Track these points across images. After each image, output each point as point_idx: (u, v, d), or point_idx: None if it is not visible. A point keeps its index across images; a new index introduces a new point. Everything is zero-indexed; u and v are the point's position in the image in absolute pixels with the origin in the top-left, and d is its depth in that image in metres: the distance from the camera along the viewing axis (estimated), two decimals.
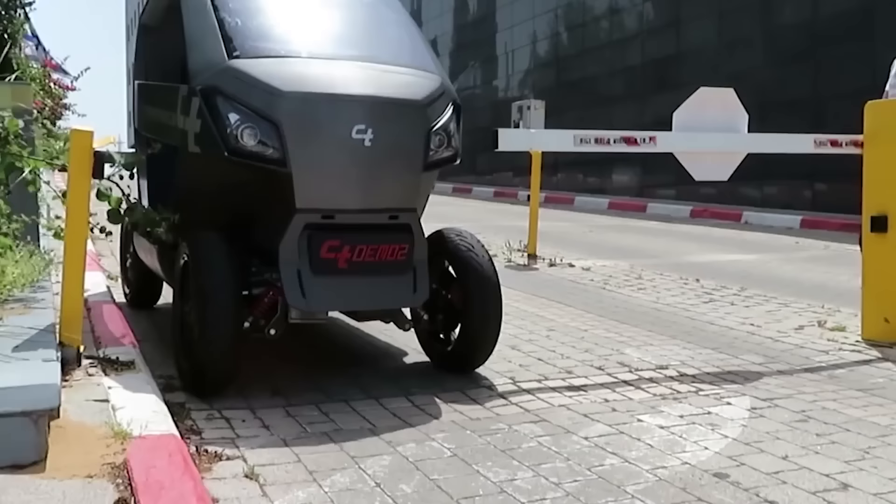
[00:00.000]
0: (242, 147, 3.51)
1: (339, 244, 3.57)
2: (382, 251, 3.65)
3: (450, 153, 3.90)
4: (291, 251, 3.55)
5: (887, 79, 6.17)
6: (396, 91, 3.76)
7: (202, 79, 3.67)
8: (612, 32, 19.80)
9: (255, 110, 3.53)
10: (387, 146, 3.63)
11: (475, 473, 2.82)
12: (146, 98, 4.67)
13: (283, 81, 3.57)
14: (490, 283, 3.94)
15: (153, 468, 2.37)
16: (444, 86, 3.95)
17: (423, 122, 3.77)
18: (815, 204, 13.78)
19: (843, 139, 4.98)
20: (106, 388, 3.17)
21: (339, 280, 3.61)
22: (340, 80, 3.68)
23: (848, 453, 3.06)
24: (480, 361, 4.04)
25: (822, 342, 4.94)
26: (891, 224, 4.76)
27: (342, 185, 3.62)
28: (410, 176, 3.79)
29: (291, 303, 3.57)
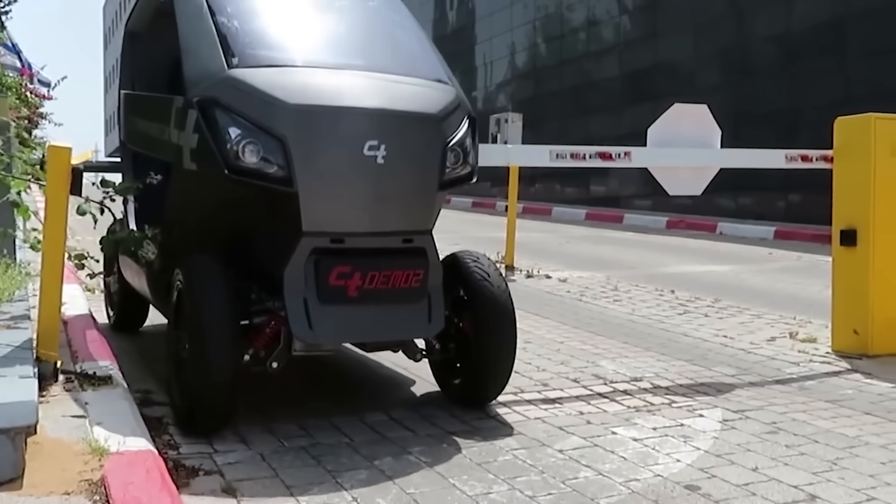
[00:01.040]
0: (244, 164, 3.23)
1: (349, 270, 3.29)
2: (396, 278, 3.37)
3: (466, 171, 3.63)
4: (297, 278, 3.27)
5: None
6: (410, 104, 3.50)
7: (199, 89, 3.39)
8: (589, 44, 19.97)
9: (257, 124, 3.25)
10: (401, 163, 3.37)
11: (451, 487, 2.85)
12: (134, 109, 4.39)
13: (287, 93, 3.30)
14: (505, 313, 3.66)
15: (131, 484, 2.38)
16: (459, 98, 3.69)
17: (439, 137, 3.50)
18: (788, 215, 13.96)
19: (814, 154, 5.07)
20: (83, 403, 3.16)
21: (348, 310, 3.33)
22: (350, 92, 3.41)
23: (816, 464, 3.12)
24: (493, 396, 3.78)
25: (793, 354, 5.02)
26: (860, 238, 4.86)
27: (353, 206, 3.35)
28: (425, 196, 3.52)
29: (297, 335, 3.28)
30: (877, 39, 12.64)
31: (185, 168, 3.50)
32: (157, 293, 4.00)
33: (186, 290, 3.29)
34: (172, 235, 3.77)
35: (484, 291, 3.66)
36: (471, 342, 3.68)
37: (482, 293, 3.66)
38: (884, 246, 4.83)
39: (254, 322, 3.45)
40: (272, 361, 3.40)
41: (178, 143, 3.51)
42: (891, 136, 4.84)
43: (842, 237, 4.94)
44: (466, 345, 3.71)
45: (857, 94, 12.55)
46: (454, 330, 3.73)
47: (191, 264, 3.35)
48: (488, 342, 3.63)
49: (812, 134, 12.65)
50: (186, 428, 3.29)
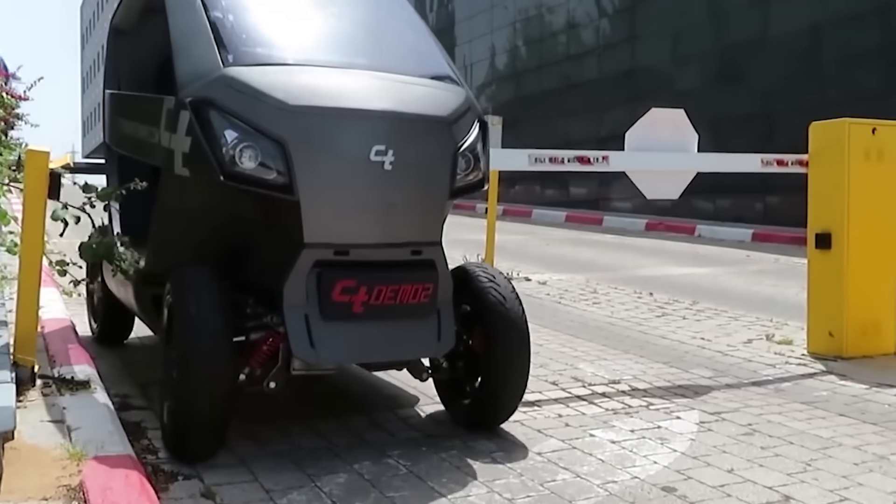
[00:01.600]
0: (240, 170, 3.02)
1: (354, 285, 3.06)
2: (404, 292, 3.15)
3: (477, 177, 3.42)
4: (298, 293, 3.04)
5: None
6: (419, 106, 3.29)
7: (192, 89, 3.16)
8: (569, 47, 20.04)
9: (255, 127, 3.03)
10: (409, 170, 3.16)
11: (430, 490, 2.87)
12: (121, 110, 4.13)
13: (288, 93, 3.08)
14: (518, 330, 3.43)
15: (109, 490, 2.38)
16: (470, 100, 3.48)
17: (449, 141, 3.29)
18: (766, 217, 14.08)
19: (789, 158, 5.13)
20: (61, 408, 3.16)
21: (353, 327, 3.10)
22: (355, 93, 3.21)
23: (791, 466, 3.16)
24: (503, 418, 3.54)
25: (769, 356, 5.07)
26: (834, 241, 4.92)
27: (358, 216, 3.13)
28: (435, 204, 3.30)
29: (298, 354, 3.05)
30: (852, 45, 12.79)
31: (176, 173, 3.27)
32: (144, 307, 3.76)
33: (177, 304, 3.06)
34: (161, 245, 3.55)
35: (496, 306, 3.43)
36: (482, 361, 3.45)
37: (494, 308, 3.43)
38: (858, 249, 4.90)
39: (250, 338, 3.21)
40: (269, 381, 3.15)
41: (169, 146, 3.28)
42: (865, 141, 4.92)
43: (817, 240, 5.00)
44: (475, 363, 3.49)
45: (833, 99, 12.69)
46: (463, 347, 3.48)
47: (182, 276, 3.12)
48: (502, 363, 3.40)
49: (789, 137, 12.76)
50: (176, 454, 3.05)
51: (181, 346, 2.97)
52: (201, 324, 2.94)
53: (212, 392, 2.91)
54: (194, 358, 2.91)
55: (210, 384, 2.91)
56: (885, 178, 4.98)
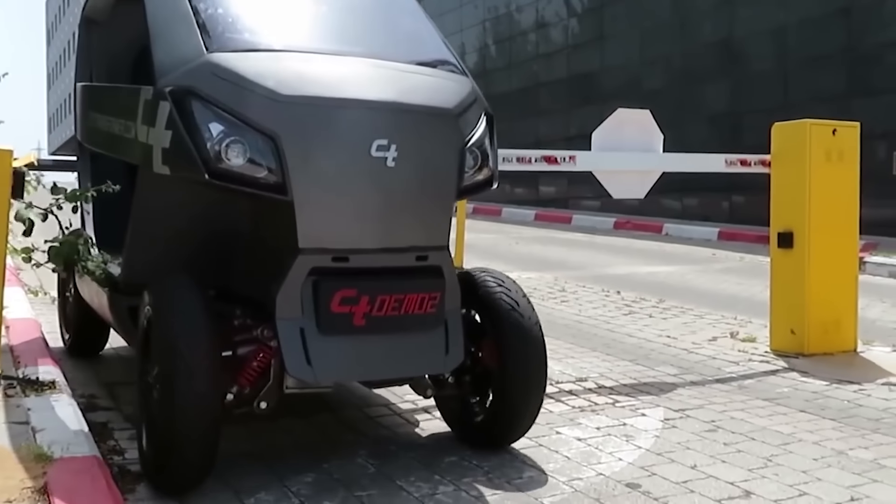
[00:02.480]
0: (228, 168, 2.74)
1: (354, 294, 2.81)
2: (409, 302, 2.89)
3: (485, 175, 3.18)
4: (292, 304, 2.79)
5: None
6: (423, 97, 3.04)
7: (173, 77, 2.87)
8: (538, 46, 20.14)
9: (243, 119, 2.76)
10: (414, 167, 2.91)
11: (398, 488, 2.89)
12: (94, 104, 3.82)
13: (279, 82, 2.81)
14: (534, 340, 3.18)
15: (75, 492, 2.37)
16: (476, 91, 3.25)
17: (456, 136, 3.06)
18: (732, 216, 14.26)
19: (752, 159, 5.21)
20: (26, 409, 3.13)
21: (354, 341, 2.85)
22: (354, 82, 2.96)
23: (752, 461, 3.22)
24: (517, 436, 3.29)
25: (733, 353, 5.15)
26: (796, 240, 5.01)
27: (359, 218, 2.87)
28: (442, 205, 3.06)
29: (293, 372, 2.78)
30: (815, 46, 12.99)
31: (154, 171, 2.97)
32: (120, 319, 3.43)
33: (158, 317, 2.75)
34: (138, 251, 3.26)
35: (509, 314, 3.17)
36: (494, 376, 3.19)
37: (507, 317, 3.17)
38: (819, 248, 4.99)
39: (237, 354, 2.92)
40: (260, 401, 2.87)
41: (147, 141, 2.97)
42: (826, 142, 5.01)
43: (779, 240, 5.08)
44: (485, 377, 3.24)
45: (797, 99, 12.88)
46: (470, 360, 3.22)
47: (162, 287, 2.84)
48: (519, 378, 3.14)
49: (753, 137, 12.92)
50: (159, 485, 2.76)
51: (163, 365, 2.66)
52: (186, 340, 2.64)
53: (199, 415, 2.61)
54: (179, 378, 2.59)
55: (197, 407, 2.61)
56: (845, 178, 5.08)
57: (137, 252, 3.26)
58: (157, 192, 3.15)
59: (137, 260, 3.27)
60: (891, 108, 11.58)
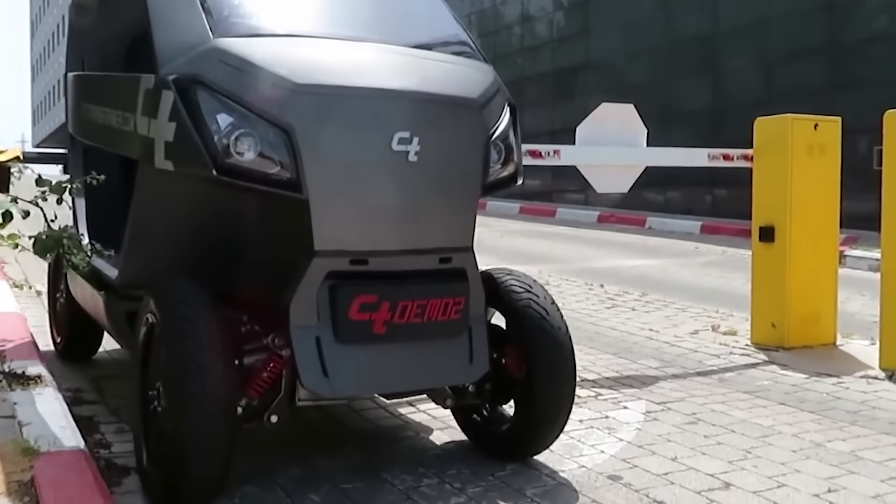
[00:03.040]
0: (237, 163, 2.54)
1: (374, 300, 2.62)
2: (432, 308, 2.71)
3: (510, 171, 3.00)
4: (307, 310, 2.59)
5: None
6: (446, 86, 2.84)
7: (176, 65, 2.65)
8: (523, 40, 20.18)
9: (254, 110, 2.56)
10: (437, 162, 2.72)
11: (383, 481, 2.92)
12: (87, 94, 3.59)
13: (293, 69, 2.60)
14: (562, 345, 3.00)
15: (62, 485, 2.39)
16: (498, 80, 3.06)
17: (480, 129, 2.87)
18: (714, 209, 14.35)
19: (735, 153, 5.27)
20: (12, 403, 3.14)
21: (374, 351, 2.67)
22: (373, 70, 2.75)
23: (732, 453, 3.27)
24: (542, 449, 3.11)
25: (714, 346, 5.21)
26: (777, 234, 5.07)
27: (379, 217, 2.67)
28: (467, 202, 2.86)
29: (308, 384, 2.59)
30: (797, 40, 13.08)
31: (156, 167, 2.74)
32: (116, 324, 3.22)
33: (164, 326, 2.53)
34: (138, 252, 3.04)
35: (535, 318, 2.98)
36: (520, 385, 3.02)
37: (532, 321, 2.98)
38: (800, 242, 5.05)
39: (245, 363, 2.69)
40: (271, 415, 2.68)
41: (148, 134, 2.75)
42: (807, 137, 5.06)
43: (760, 234, 5.14)
44: (507, 386, 3.06)
45: (779, 93, 12.97)
46: (492, 368, 3.00)
47: (167, 292, 2.61)
48: (548, 388, 2.96)
49: (736, 130, 12.98)
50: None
51: (171, 379, 2.45)
52: (195, 352, 2.41)
53: (213, 427, 2.40)
54: (189, 393, 2.38)
55: (211, 418, 2.40)
56: (826, 172, 5.14)
57: (136, 253, 3.04)
58: (158, 189, 2.93)
59: (136, 261, 3.05)
60: (873, 103, 11.68)
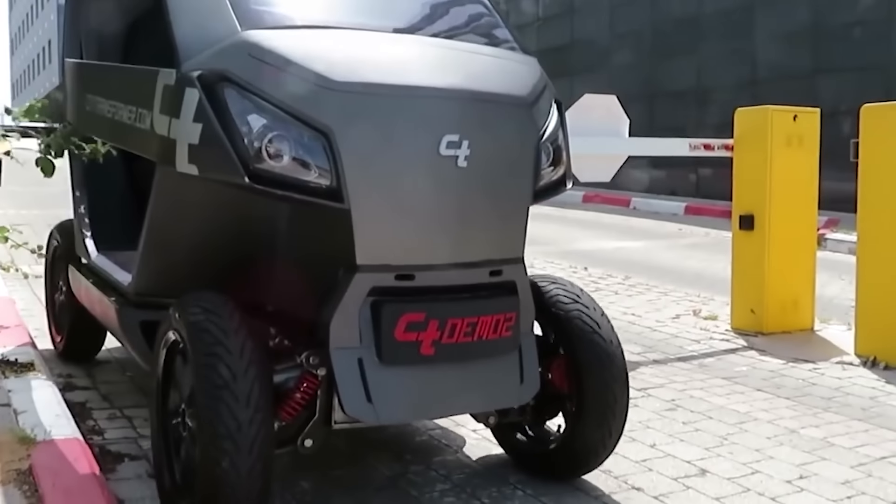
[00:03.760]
0: (271, 169, 2.31)
1: (422, 319, 2.41)
2: (482, 325, 2.50)
3: (560, 174, 2.78)
4: (349, 330, 2.38)
5: None
6: (495, 83, 2.62)
7: (200, 60, 2.43)
8: (509, 17, 20.15)
9: (290, 111, 2.33)
10: (488, 167, 2.50)
11: (370, 468, 3.00)
12: (90, 84, 3.37)
13: (331, 65, 2.38)
14: (614, 361, 2.81)
15: (59, 474, 2.46)
16: (545, 75, 2.83)
17: (531, 129, 2.65)
18: (698, 189, 14.47)
19: (715, 143, 5.36)
20: (7, 391, 3.19)
21: (420, 373, 2.46)
22: (418, 66, 2.52)
23: (709, 440, 3.38)
24: (591, 469, 2.93)
25: (695, 331, 5.32)
26: (757, 223, 5.17)
27: (426, 228, 2.46)
28: (518, 210, 2.64)
29: (351, 411, 2.38)
30: (781, 24, 13.16)
31: (178, 171, 2.50)
32: (131, 335, 2.96)
33: (194, 348, 2.30)
34: (156, 259, 2.83)
35: (584, 331, 2.79)
36: (568, 401, 2.85)
37: (581, 333, 2.79)
38: (778, 231, 5.15)
39: (275, 382, 2.46)
40: (305, 439, 2.48)
41: (169, 135, 2.52)
42: (786, 127, 5.15)
43: (740, 222, 5.24)
44: (553, 401, 2.89)
45: (763, 76, 13.07)
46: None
47: (197, 309, 2.37)
48: (600, 406, 2.78)
49: (720, 111, 13.10)
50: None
51: (202, 410, 2.23)
52: (230, 379, 2.21)
53: (249, 470, 2.19)
54: (223, 426, 2.17)
55: (246, 461, 2.19)
56: (804, 162, 5.23)
57: (153, 261, 2.82)
58: (178, 194, 2.70)
59: (152, 269, 2.84)
60: (854, 86, 11.80)
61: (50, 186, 3.78)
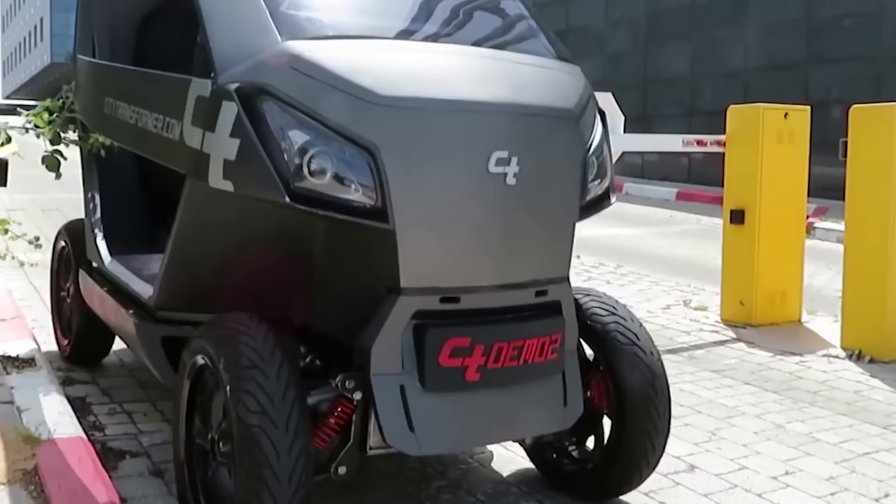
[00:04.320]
0: (312, 188, 2.20)
1: (468, 344, 2.31)
2: (528, 349, 2.41)
3: (604, 188, 2.67)
4: (391, 356, 2.27)
5: None
6: (543, 96, 2.53)
7: (238, 72, 2.32)
8: None
9: (333, 126, 2.21)
10: (536, 184, 2.41)
11: (369, 466, 3.06)
12: (110, 87, 3.24)
13: (377, 79, 2.27)
14: (656, 377, 2.70)
15: (64, 474, 2.50)
16: (588, 84, 2.72)
17: (578, 143, 2.55)
18: (690, 175, 14.54)
19: (708, 139, 5.44)
20: (9, 388, 3.24)
21: (465, 400, 2.36)
22: (466, 79, 2.42)
23: (697, 435, 3.45)
24: (633, 488, 2.83)
25: (685, 322, 5.40)
26: (747, 217, 5.25)
27: (474, 249, 2.36)
28: (564, 228, 2.54)
29: (392, 441, 2.27)
30: (774, 14, 13.21)
31: (211, 186, 2.38)
32: (151, 351, 2.82)
33: (227, 368, 2.20)
34: (182, 273, 2.70)
35: (624, 347, 2.70)
36: (603, 419, 2.79)
37: (621, 349, 2.69)
38: (768, 225, 5.24)
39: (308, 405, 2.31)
40: (339, 466, 2.35)
41: (202, 149, 2.40)
42: (777, 124, 5.22)
43: (731, 216, 5.32)
44: (592, 421, 2.77)
45: (755, 64, 13.12)
46: None
47: (228, 329, 2.28)
48: (642, 425, 2.67)
49: (712, 99, 13.16)
50: None
51: (241, 437, 2.11)
52: (270, 402, 2.11)
53: (292, 499, 2.11)
54: (264, 451, 2.08)
55: (285, 494, 2.10)
56: (795, 159, 5.32)
57: (177, 275, 2.70)
58: (208, 208, 2.57)
59: (177, 284, 2.71)
60: (845, 76, 11.87)
61: (43, 169, 3.74)
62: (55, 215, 8.83)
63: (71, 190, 5.21)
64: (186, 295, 2.71)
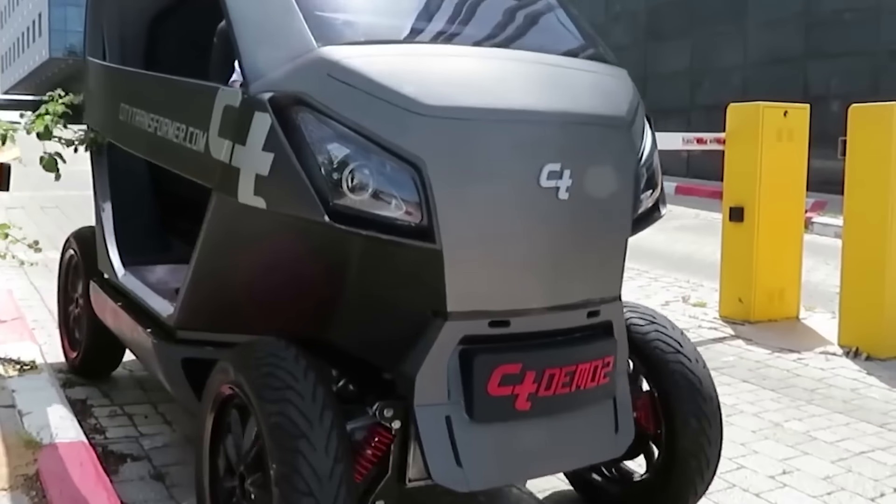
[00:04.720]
0: (353, 205, 2.03)
1: (518, 370, 2.15)
2: (581, 374, 2.25)
3: (655, 199, 2.50)
4: (437, 385, 2.11)
5: None
6: (594, 103, 2.37)
7: (272, 80, 2.15)
8: None
9: (375, 139, 2.04)
10: (589, 199, 2.24)
11: None
12: (127, 94, 3.09)
13: (421, 87, 2.10)
14: (706, 391, 2.55)
15: (66, 480, 2.51)
16: (636, 89, 2.56)
17: (630, 153, 2.39)
18: (689, 169, 14.53)
19: (708, 137, 5.45)
20: (10, 391, 3.24)
21: (515, 430, 2.20)
22: (515, 87, 2.24)
23: None
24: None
25: (684, 319, 5.41)
26: (746, 215, 5.26)
27: (525, 269, 2.20)
28: (617, 243, 2.38)
29: (438, 477, 2.10)
30: (774, 9, 13.22)
31: (241, 202, 2.20)
32: (170, 373, 2.64)
33: (259, 393, 2.03)
34: (206, 293, 2.52)
35: (672, 365, 2.55)
36: (650, 441, 2.62)
37: (670, 367, 2.55)
38: (767, 223, 5.25)
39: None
40: (377, 499, 2.18)
41: (231, 163, 2.22)
42: (777, 122, 5.24)
43: (731, 213, 5.34)
44: (638, 443, 2.56)
45: (755, 59, 13.12)
46: None
47: (258, 353, 2.14)
48: (693, 445, 2.52)
49: (712, 93, 13.17)
50: None
51: (279, 463, 1.95)
52: (308, 425, 1.95)
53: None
54: (304, 478, 1.92)
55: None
56: (794, 157, 5.33)
57: (201, 294, 2.52)
58: (236, 224, 2.38)
59: (200, 304, 2.54)
60: (844, 71, 11.89)
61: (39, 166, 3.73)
62: (55, 213, 8.84)
63: (70, 188, 5.22)
64: (209, 314, 2.54)
